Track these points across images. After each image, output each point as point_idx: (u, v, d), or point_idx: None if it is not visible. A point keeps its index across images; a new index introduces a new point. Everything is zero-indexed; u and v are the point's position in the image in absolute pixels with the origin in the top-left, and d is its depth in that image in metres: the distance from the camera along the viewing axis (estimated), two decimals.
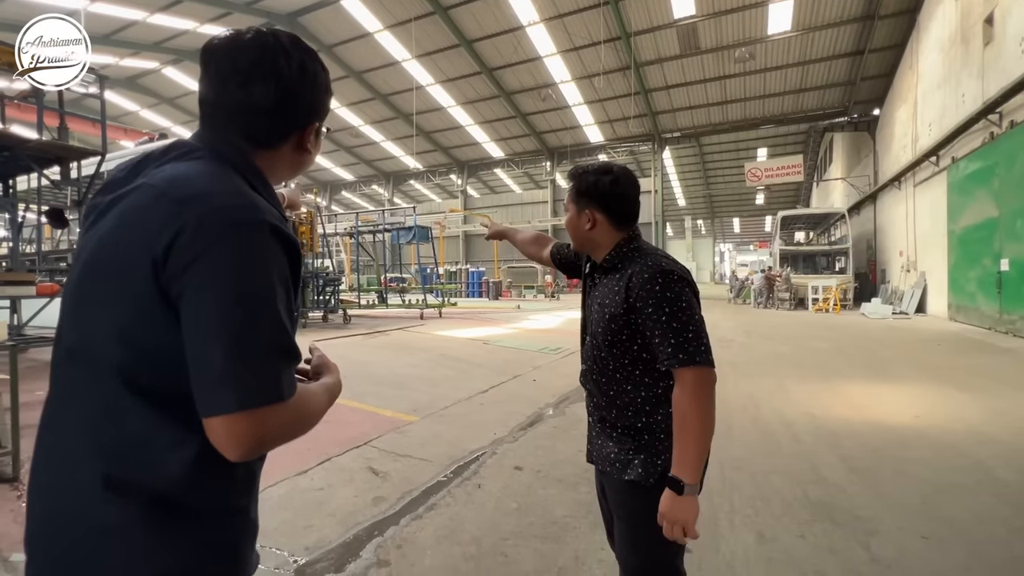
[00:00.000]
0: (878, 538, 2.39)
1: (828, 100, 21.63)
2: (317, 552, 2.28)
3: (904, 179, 15.46)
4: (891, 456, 3.49)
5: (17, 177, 7.58)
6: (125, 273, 0.64)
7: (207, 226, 0.63)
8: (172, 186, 0.67)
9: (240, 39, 0.75)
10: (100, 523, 0.63)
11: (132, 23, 18.79)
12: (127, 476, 0.63)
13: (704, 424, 1.14)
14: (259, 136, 0.77)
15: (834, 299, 16.09)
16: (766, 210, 43.43)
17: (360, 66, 22.69)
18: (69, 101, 7.60)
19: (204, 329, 0.61)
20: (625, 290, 1.22)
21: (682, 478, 1.14)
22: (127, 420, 0.64)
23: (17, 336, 6.84)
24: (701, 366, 1.14)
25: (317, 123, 0.83)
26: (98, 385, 0.64)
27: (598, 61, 19.86)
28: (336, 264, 17.45)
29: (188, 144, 0.76)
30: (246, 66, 0.73)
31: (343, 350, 7.74)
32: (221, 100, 0.75)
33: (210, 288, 0.61)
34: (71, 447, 0.66)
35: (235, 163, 0.75)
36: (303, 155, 0.84)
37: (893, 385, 5.72)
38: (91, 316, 0.66)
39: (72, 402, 0.67)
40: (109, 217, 0.69)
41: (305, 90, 0.78)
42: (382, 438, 3.87)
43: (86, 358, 0.66)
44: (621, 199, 1.30)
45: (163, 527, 0.64)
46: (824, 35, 17.71)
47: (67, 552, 0.64)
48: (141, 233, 0.64)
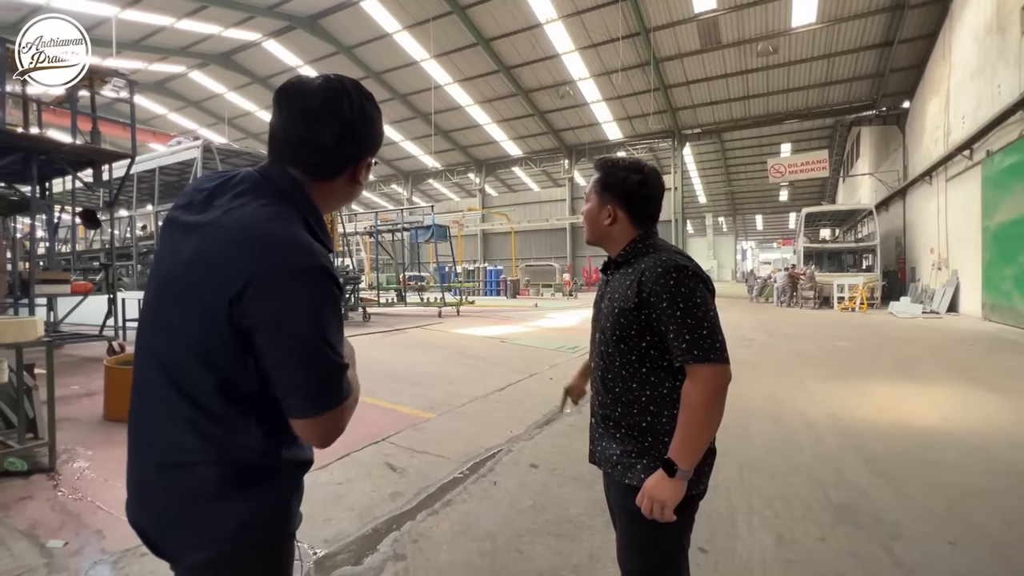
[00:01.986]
0: (902, 542, 2.34)
1: (855, 93, 21.00)
2: (336, 545, 2.33)
3: (936, 174, 14.94)
4: (917, 459, 3.39)
5: (53, 180, 7.87)
6: (205, 305, 0.79)
7: (274, 275, 0.77)
8: (243, 232, 0.80)
9: (311, 83, 0.87)
10: (194, 484, 0.81)
11: (160, 29, 19.33)
12: (210, 451, 0.81)
13: (710, 419, 1.14)
14: (320, 169, 0.89)
15: (861, 298, 15.66)
16: (790, 207, 42.43)
17: (379, 67, 22.92)
18: (101, 106, 7.86)
19: (285, 359, 0.79)
20: (637, 284, 1.20)
21: (677, 462, 1.14)
22: (209, 411, 0.81)
23: (53, 332, 7.11)
24: (716, 363, 1.13)
25: (370, 158, 0.95)
26: (185, 384, 0.81)
27: (616, 57, 19.67)
28: (356, 263, 17.68)
29: (256, 179, 0.88)
30: (316, 106, 0.85)
31: (362, 347, 7.83)
32: (290, 135, 0.87)
33: (285, 328, 0.78)
34: (161, 427, 0.84)
35: (296, 202, 0.87)
36: (355, 187, 0.96)
37: (921, 386, 5.55)
38: (175, 330, 0.82)
39: (153, 395, 0.85)
40: (189, 244, 0.83)
41: (363, 129, 0.90)
42: (400, 434, 3.93)
43: (172, 363, 0.82)
44: (646, 201, 1.29)
45: (243, 486, 0.83)
46: (851, 26, 17.19)
47: (170, 506, 0.83)
48: (216, 273, 0.79)
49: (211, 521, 0.82)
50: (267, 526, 0.86)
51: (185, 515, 0.82)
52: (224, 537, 0.82)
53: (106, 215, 9.10)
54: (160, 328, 0.85)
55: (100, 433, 3.78)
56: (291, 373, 0.79)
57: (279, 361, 0.79)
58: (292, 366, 0.79)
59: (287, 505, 0.89)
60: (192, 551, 0.83)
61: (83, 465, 3.21)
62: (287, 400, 0.81)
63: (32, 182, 6.57)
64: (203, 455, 0.81)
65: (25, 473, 3.01)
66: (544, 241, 34.12)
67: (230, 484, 0.82)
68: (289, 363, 0.79)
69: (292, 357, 0.79)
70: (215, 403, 0.81)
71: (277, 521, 0.88)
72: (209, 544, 0.82)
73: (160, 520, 0.85)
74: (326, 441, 0.84)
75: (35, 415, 3.34)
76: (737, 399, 4.92)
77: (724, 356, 1.15)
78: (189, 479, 0.82)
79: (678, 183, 26.08)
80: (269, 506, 0.86)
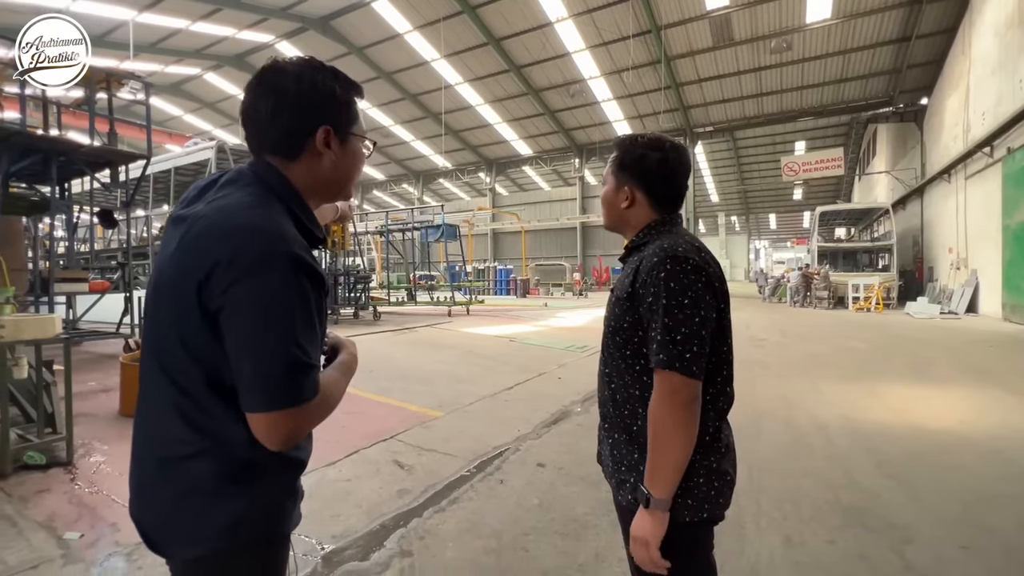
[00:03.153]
0: (914, 546, 2.30)
1: (871, 90, 20.63)
2: (343, 540, 2.36)
3: (954, 171, 14.64)
4: (931, 462, 3.33)
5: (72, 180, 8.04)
6: (182, 292, 0.78)
7: (238, 259, 0.75)
8: (217, 219, 0.80)
9: (261, 70, 0.89)
10: (189, 480, 0.81)
11: (176, 31, 19.62)
12: (203, 443, 0.81)
13: (676, 437, 1.00)
14: (277, 147, 0.89)
15: (876, 298, 15.40)
16: (804, 206, 41.85)
17: (390, 67, 23.03)
18: (118, 108, 8.02)
19: (237, 346, 0.77)
20: (634, 273, 1.09)
21: (649, 490, 1.02)
22: (196, 403, 0.80)
23: (72, 330, 7.28)
24: (680, 373, 0.99)
25: (327, 126, 0.89)
26: (177, 376, 0.81)
27: (627, 55, 19.55)
28: (367, 262, 17.81)
29: (241, 171, 0.89)
30: (254, 86, 0.88)
31: (372, 346, 7.91)
32: (247, 121, 0.89)
33: (240, 313, 0.76)
34: (159, 421, 0.83)
35: (277, 190, 0.87)
36: (321, 160, 0.91)
37: (937, 388, 5.45)
38: (163, 321, 0.83)
39: (151, 388, 0.85)
40: (176, 236, 0.83)
41: (301, 97, 0.87)
42: (408, 432, 3.95)
43: (164, 355, 0.82)
44: (666, 181, 1.16)
45: (236, 482, 0.82)
46: (867, 21, 16.89)
47: (164, 501, 0.83)
48: (191, 259, 0.78)
49: (204, 517, 0.81)
50: (260, 524, 0.85)
51: (180, 510, 0.82)
52: (216, 534, 0.81)
53: (123, 215, 9.27)
54: (152, 319, 0.86)
55: (116, 428, 3.86)
56: (241, 360, 0.76)
57: (233, 347, 0.76)
58: (243, 354, 0.76)
59: (281, 504, 0.88)
60: (185, 546, 0.83)
61: (99, 459, 3.29)
62: (239, 391, 0.78)
63: (52, 183, 6.72)
64: (196, 448, 0.80)
65: (43, 467, 3.08)
66: (554, 240, 34.05)
67: (224, 480, 0.81)
68: (241, 350, 0.76)
69: (244, 344, 0.76)
70: (204, 395, 0.80)
71: (270, 520, 0.86)
72: (202, 540, 0.81)
73: (157, 515, 0.85)
74: (275, 443, 0.78)
75: (53, 410, 3.42)
76: (748, 400, 4.89)
77: (691, 368, 0.99)
78: (184, 474, 0.81)
79: (690, 182, 25.77)
80: (262, 504, 0.85)
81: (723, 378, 1.10)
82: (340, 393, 0.90)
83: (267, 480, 0.85)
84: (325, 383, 0.83)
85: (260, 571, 0.88)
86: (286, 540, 0.92)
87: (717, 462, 1.08)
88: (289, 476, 0.90)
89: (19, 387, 3.54)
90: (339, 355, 0.99)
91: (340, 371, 0.94)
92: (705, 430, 1.06)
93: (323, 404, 0.82)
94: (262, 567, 0.88)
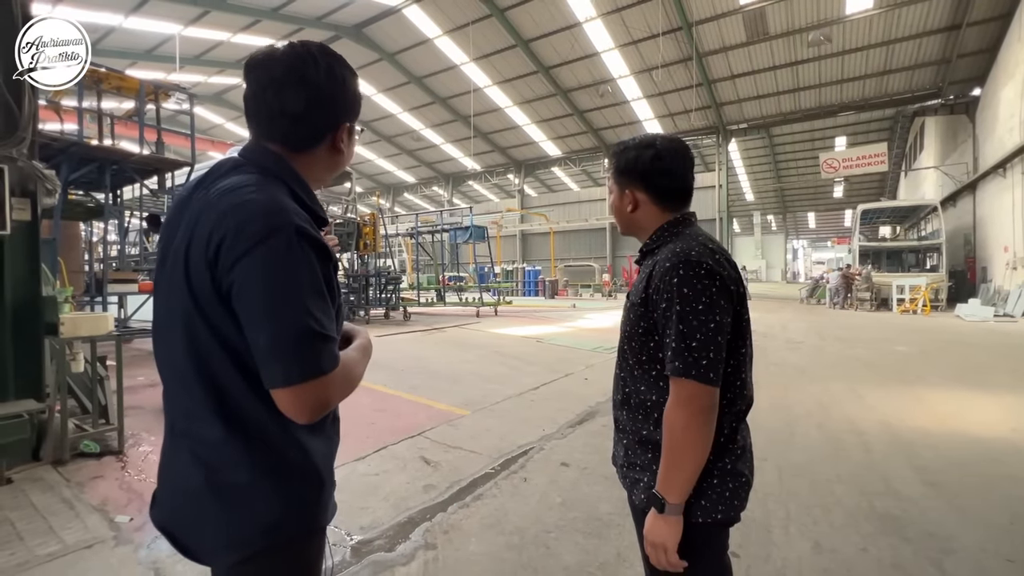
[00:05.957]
0: (953, 558, 2.20)
1: (918, 82, 19.65)
2: (371, 532, 2.44)
3: (1010, 165, 13.78)
4: (978, 471, 3.17)
5: (123, 187, 8.53)
6: (193, 267, 0.78)
7: (243, 233, 0.75)
8: (221, 198, 0.79)
9: (274, 52, 0.85)
10: (225, 483, 0.80)
11: (218, 43, 20.52)
12: (229, 410, 0.79)
13: (688, 443, 1.00)
14: (295, 140, 0.87)
15: (923, 299, 14.65)
16: (845, 204, 40.14)
17: (420, 71, 23.41)
18: (165, 117, 8.46)
19: (251, 319, 0.75)
20: (647, 278, 1.09)
21: (664, 495, 1.02)
22: (231, 397, 0.79)
23: (123, 328, 7.71)
24: (696, 381, 0.98)
25: (348, 123, 0.92)
26: (190, 345, 0.80)
27: (657, 53, 19.26)
28: (398, 264, 18.15)
29: (238, 159, 0.88)
30: (280, 75, 0.83)
31: (402, 345, 8.07)
32: (261, 108, 0.86)
33: (249, 286, 0.74)
34: (186, 397, 0.83)
35: (278, 172, 0.85)
36: (337, 156, 0.93)
37: (987, 394, 5.16)
38: (174, 298, 0.81)
39: (172, 355, 0.84)
40: (183, 217, 0.84)
41: (334, 93, 0.87)
42: (435, 430, 4.03)
43: (177, 325, 0.81)
44: (665, 175, 1.14)
45: (273, 478, 0.81)
46: (913, 10, 16.11)
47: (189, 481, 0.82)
48: (199, 237, 0.78)
49: (242, 519, 0.80)
50: (297, 522, 0.84)
51: (214, 514, 0.80)
52: (259, 535, 0.80)
53: None
54: (164, 301, 0.85)
55: (162, 421, 4.07)
56: (257, 333, 0.74)
57: (247, 323, 0.75)
58: (257, 327, 0.74)
59: (317, 500, 0.86)
60: (224, 552, 0.81)
61: (147, 449, 3.49)
62: (260, 368, 0.76)
63: (106, 190, 7.15)
64: (232, 449, 0.79)
65: (97, 455, 3.30)
66: (583, 241, 33.83)
67: (263, 478, 0.80)
68: (255, 324, 0.74)
69: (256, 317, 0.74)
70: (238, 388, 0.79)
71: (307, 517, 0.85)
72: (240, 544, 0.80)
73: (189, 521, 0.83)
74: (302, 415, 0.76)
75: (106, 402, 3.65)
76: (782, 403, 4.76)
77: (708, 376, 0.98)
78: (217, 473, 0.80)
79: (723, 180, 25.21)
80: (299, 501, 0.83)
81: (742, 381, 1.09)
82: (361, 371, 0.89)
83: (303, 475, 0.84)
84: (345, 358, 0.82)
85: (302, 563, 0.88)
86: (322, 532, 0.92)
87: (732, 463, 1.07)
88: (324, 469, 0.89)
89: (76, 380, 3.79)
90: (354, 339, 0.97)
91: (359, 352, 0.92)
92: (720, 431, 1.05)
93: (344, 378, 0.80)
94: (304, 559, 0.88)
